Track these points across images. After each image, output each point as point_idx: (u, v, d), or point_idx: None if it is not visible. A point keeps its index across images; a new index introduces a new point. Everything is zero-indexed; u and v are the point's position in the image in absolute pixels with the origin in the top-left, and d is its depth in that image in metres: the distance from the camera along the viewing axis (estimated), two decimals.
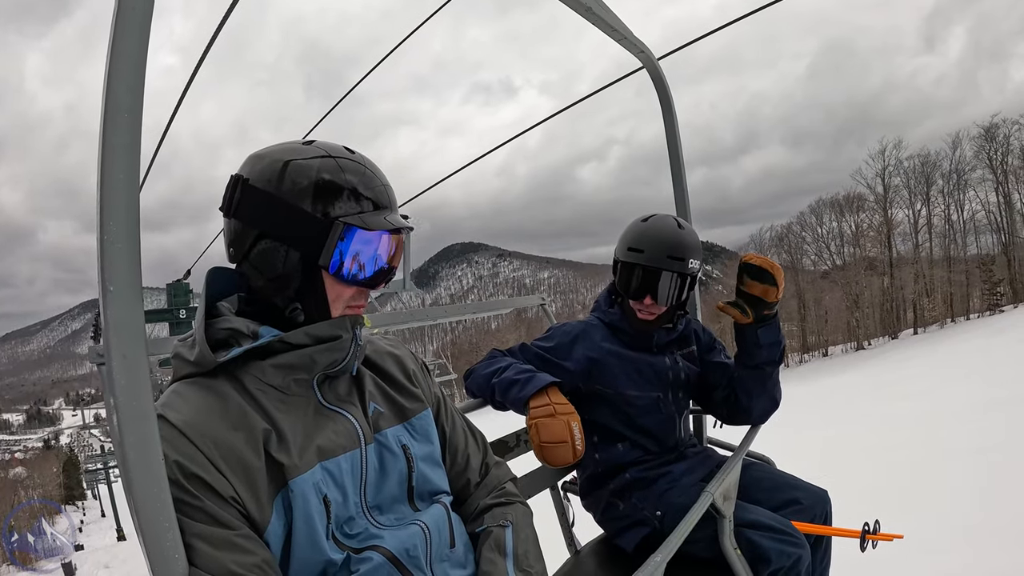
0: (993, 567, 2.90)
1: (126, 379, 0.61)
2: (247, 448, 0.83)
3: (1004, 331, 22.62)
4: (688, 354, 1.86)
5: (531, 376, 1.56)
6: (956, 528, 3.53)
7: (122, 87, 0.60)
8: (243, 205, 0.89)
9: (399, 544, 0.91)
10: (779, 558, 1.47)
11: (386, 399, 1.04)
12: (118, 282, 0.60)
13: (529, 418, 1.49)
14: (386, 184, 0.96)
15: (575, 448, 1.44)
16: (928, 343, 30.77)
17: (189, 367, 0.88)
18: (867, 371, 23.41)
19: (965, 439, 6.47)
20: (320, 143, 0.94)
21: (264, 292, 0.92)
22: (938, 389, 12.26)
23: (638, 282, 1.67)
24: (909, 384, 14.87)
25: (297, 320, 0.92)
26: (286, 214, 0.88)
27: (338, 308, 0.94)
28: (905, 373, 18.30)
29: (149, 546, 0.64)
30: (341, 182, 0.90)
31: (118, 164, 0.60)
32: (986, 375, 12.05)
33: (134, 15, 0.61)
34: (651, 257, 1.65)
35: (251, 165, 0.91)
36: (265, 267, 0.90)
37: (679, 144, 2.13)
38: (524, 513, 1.14)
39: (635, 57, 1.89)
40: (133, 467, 0.62)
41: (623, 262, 1.72)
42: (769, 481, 1.76)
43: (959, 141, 46.91)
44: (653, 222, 1.71)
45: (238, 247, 0.92)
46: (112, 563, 18.69)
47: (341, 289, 0.93)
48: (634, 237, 1.70)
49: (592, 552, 1.85)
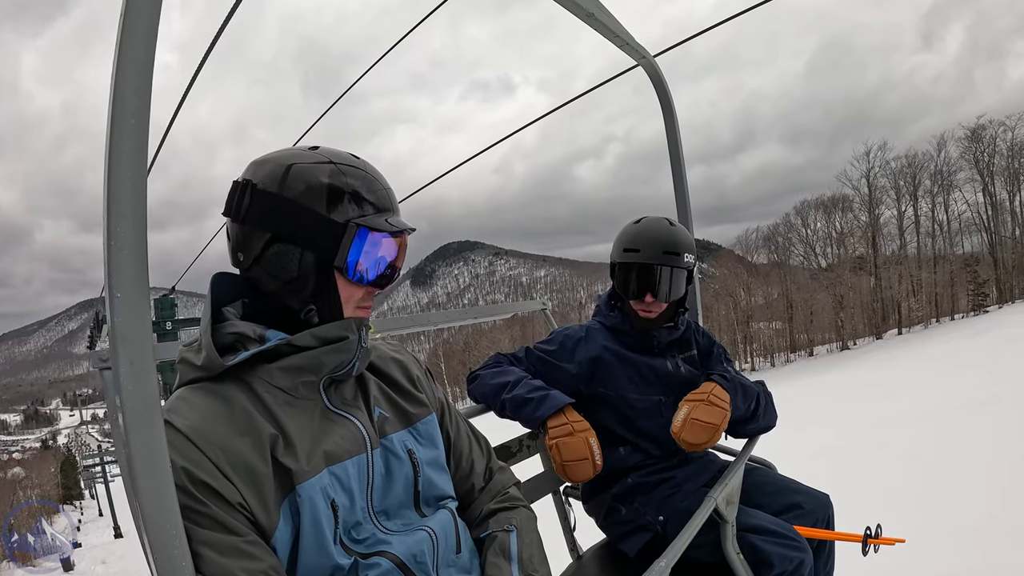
0: (999, 568, 2.89)
1: (134, 385, 0.60)
2: (254, 454, 0.82)
3: (985, 332, 22.90)
4: (689, 357, 1.86)
5: (545, 395, 1.58)
6: (959, 530, 3.53)
7: (129, 91, 0.59)
8: (253, 209, 0.89)
9: (407, 550, 0.91)
10: (782, 562, 1.47)
11: (391, 404, 1.04)
12: (125, 288, 0.59)
13: (548, 438, 1.52)
14: (388, 188, 0.98)
15: (595, 463, 1.50)
16: (910, 343, 31.16)
17: (196, 372, 0.88)
18: (851, 371, 23.51)
19: (943, 439, 6.55)
20: (325, 149, 0.95)
21: (277, 295, 0.93)
22: (917, 389, 12.37)
23: (637, 281, 1.71)
24: (890, 383, 15.02)
25: (312, 322, 0.92)
26: (299, 217, 0.88)
27: (349, 308, 0.94)
28: (888, 373, 18.41)
29: (156, 554, 0.63)
30: (351, 185, 0.91)
31: (125, 169, 0.59)
32: (959, 377, 12.16)
33: (140, 19, 0.61)
34: (647, 255, 1.69)
35: (255, 170, 0.92)
36: (278, 270, 0.90)
37: (680, 147, 2.15)
38: (528, 517, 1.14)
39: (637, 62, 1.90)
40: (140, 474, 0.61)
41: (620, 263, 1.75)
42: (771, 486, 1.76)
43: (944, 142, 47.81)
44: (645, 223, 1.76)
45: (247, 252, 0.91)
46: (109, 559, 19.35)
47: (352, 290, 0.94)
48: (629, 238, 1.75)
49: (594, 557, 1.85)
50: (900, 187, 48.71)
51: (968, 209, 47.88)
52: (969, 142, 46.26)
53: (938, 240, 48.36)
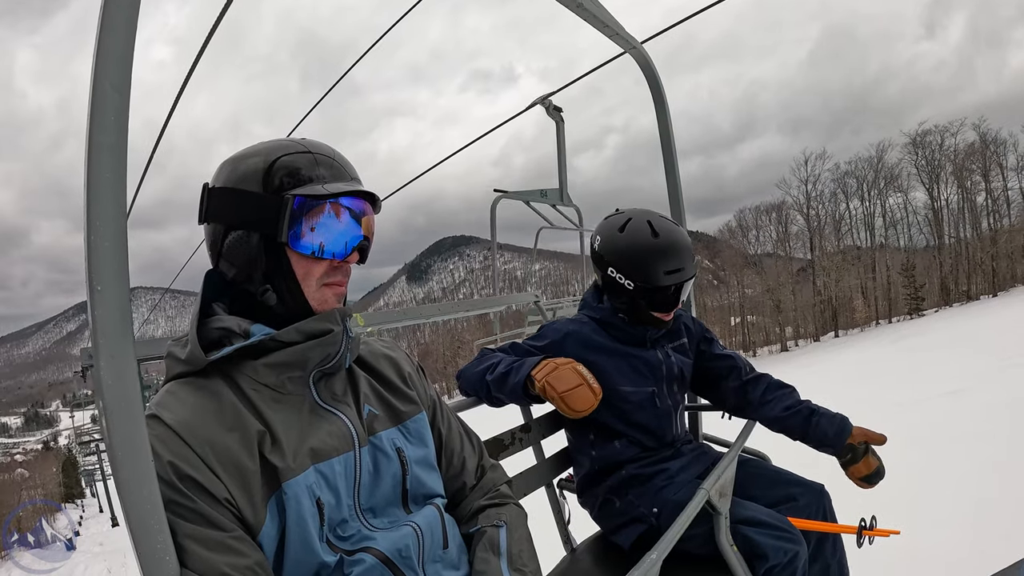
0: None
1: (113, 379, 0.60)
2: (242, 450, 0.82)
3: (901, 339, 23.98)
4: (679, 347, 1.86)
5: (523, 362, 1.59)
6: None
7: (108, 86, 0.60)
8: (211, 207, 0.93)
9: (391, 545, 0.91)
10: (775, 554, 1.47)
11: (381, 401, 1.04)
12: (105, 282, 0.60)
13: (537, 384, 1.52)
14: (341, 158, 0.98)
15: (592, 387, 1.49)
16: (842, 347, 32.25)
17: (181, 366, 0.88)
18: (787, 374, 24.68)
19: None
20: (279, 139, 0.98)
21: (238, 281, 0.94)
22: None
23: (670, 295, 1.68)
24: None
25: (269, 303, 0.92)
26: (241, 202, 0.90)
27: (311, 285, 0.93)
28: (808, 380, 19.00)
29: (139, 547, 0.64)
30: (292, 161, 0.92)
31: (104, 164, 0.60)
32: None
33: (120, 13, 0.61)
34: (691, 270, 1.68)
35: (216, 172, 0.95)
36: (234, 257, 0.92)
37: (671, 134, 2.16)
38: (518, 514, 1.14)
39: (626, 51, 1.90)
40: (122, 467, 0.61)
41: (626, 288, 1.69)
42: (765, 478, 1.76)
43: (884, 149, 51.55)
44: (667, 233, 1.67)
45: (214, 248, 0.94)
46: (105, 542, 24.24)
47: (309, 265, 0.93)
48: (629, 264, 1.67)
49: (588, 550, 1.85)
50: (838, 194, 52.83)
51: (912, 213, 51.64)
52: (911, 148, 49.70)
53: (891, 238, 52.02)
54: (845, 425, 1.68)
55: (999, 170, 47.48)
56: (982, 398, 7.68)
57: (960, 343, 16.11)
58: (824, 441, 1.69)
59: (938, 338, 19.83)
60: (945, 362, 12.61)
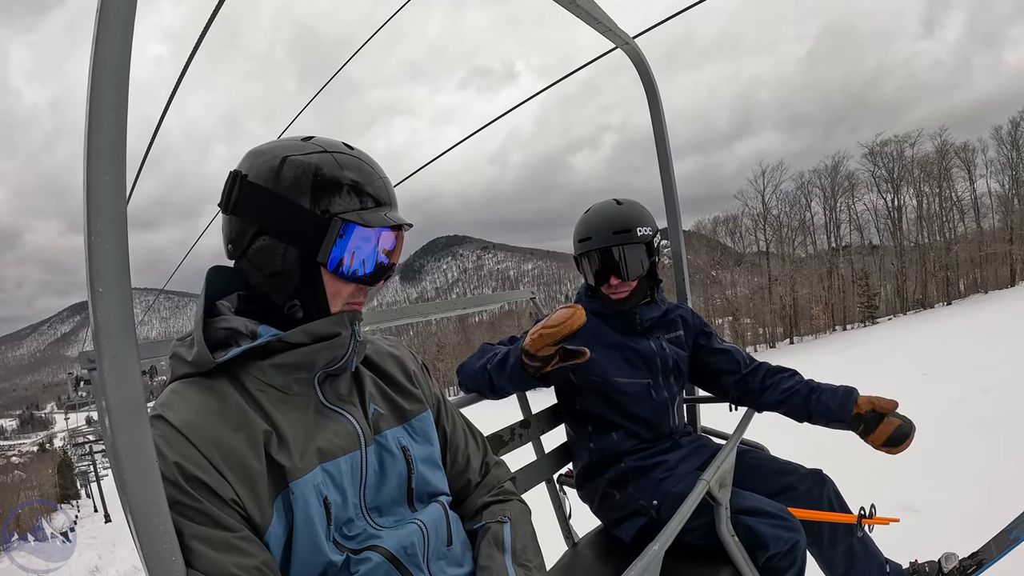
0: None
1: (116, 380, 0.60)
2: (248, 450, 0.82)
3: (845, 349, 24.12)
4: (675, 339, 1.87)
5: (517, 344, 1.52)
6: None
7: (106, 85, 0.59)
8: (242, 201, 0.89)
9: (397, 543, 0.91)
10: (776, 543, 1.48)
11: (386, 400, 1.04)
12: (107, 283, 0.59)
13: (531, 335, 1.43)
14: (385, 180, 0.95)
15: (577, 311, 1.38)
16: (794, 353, 32.56)
17: (187, 367, 0.87)
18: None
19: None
20: (319, 139, 0.93)
21: (262, 289, 0.91)
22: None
23: (597, 267, 1.76)
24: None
25: (296, 317, 0.91)
26: (284, 210, 0.87)
27: (337, 305, 0.93)
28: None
29: (145, 548, 0.63)
30: (339, 178, 0.89)
31: (104, 164, 0.59)
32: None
33: (118, 11, 0.60)
34: (599, 240, 1.74)
35: (250, 161, 0.91)
36: (263, 264, 0.89)
37: (665, 130, 2.16)
38: (522, 510, 1.14)
39: (618, 46, 1.89)
40: (126, 469, 0.61)
41: (580, 256, 1.81)
42: (764, 468, 1.78)
43: (840, 159, 53.46)
44: (593, 210, 1.81)
45: (237, 244, 0.91)
46: (98, 535, 27.68)
47: (340, 286, 0.92)
48: (581, 229, 1.80)
49: (590, 544, 1.86)
50: (800, 201, 54.50)
51: (870, 220, 53.38)
52: (868, 158, 51.37)
53: (833, 254, 53.00)
54: (849, 396, 1.63)
55: (964, 178, 49.45)
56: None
57: (882, 355, 16.10)
58: (829, 415, 1.65)
59: (874, 348, 19.72)
60: (865, 375, 12.16)
